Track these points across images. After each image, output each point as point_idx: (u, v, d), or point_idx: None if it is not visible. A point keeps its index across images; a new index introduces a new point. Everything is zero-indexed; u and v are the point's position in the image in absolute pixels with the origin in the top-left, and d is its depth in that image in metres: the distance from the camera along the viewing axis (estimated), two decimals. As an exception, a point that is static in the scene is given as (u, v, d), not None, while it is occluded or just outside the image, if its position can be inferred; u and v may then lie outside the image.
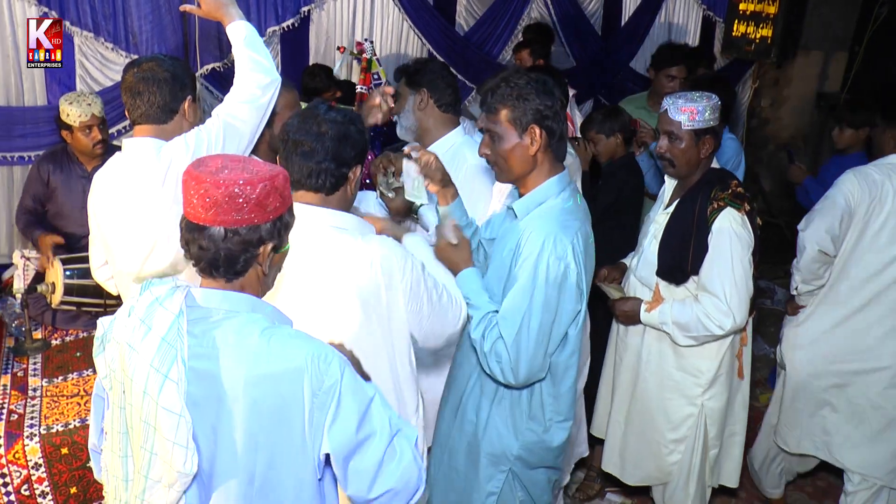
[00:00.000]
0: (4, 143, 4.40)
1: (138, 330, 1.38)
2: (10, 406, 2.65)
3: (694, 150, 2.45)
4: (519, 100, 1.99)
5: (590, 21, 6.14)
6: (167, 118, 2.19)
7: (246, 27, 2.30)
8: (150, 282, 1.43)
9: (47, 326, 3.25)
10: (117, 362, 1.42)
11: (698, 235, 2.43)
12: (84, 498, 2.59)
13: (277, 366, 1.38)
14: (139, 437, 1.39)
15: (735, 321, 2.42)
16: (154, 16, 4.50)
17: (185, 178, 1.38)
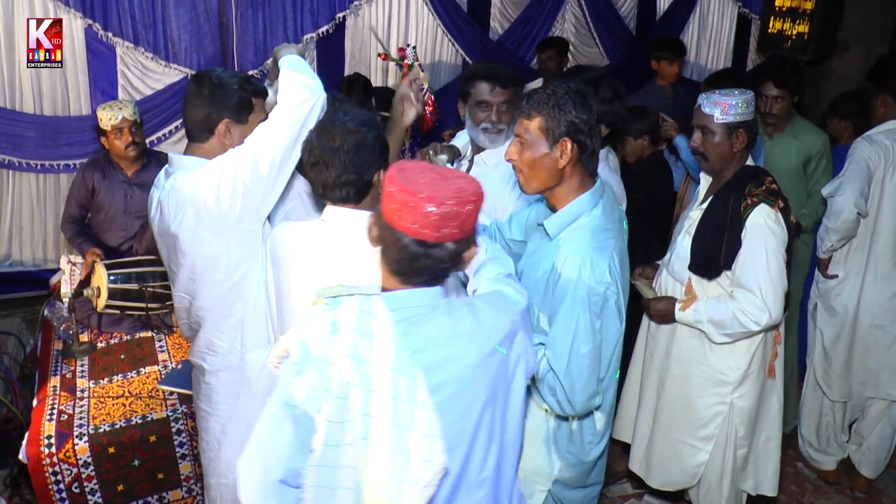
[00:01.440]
0: (51, 151, 4.54)
1: (361, 342, 1.38)
2: (60, 406, 2.74)
3: (727, 144, 2.46)
4: (555, 109, 1.93)
5: (623, 20, 6.11)
6: (204, 137, 2.12)
7: (293, 57, 2.24)
8: (333, 297, 1.44)
9: (93, 330, 3.34)
10: (338, 379, 1.39)
11: (732, 231, 2.42)
12: (131, 495, 2.67)
13: (497, 336, 1.49)
14: (389, 441, 1.38)
15: (771, 316, 2.40)
16: (192, 25, 4.61)
17: (407, 199, 1.38)
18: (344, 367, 1.38)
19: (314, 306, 1.45)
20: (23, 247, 4.74)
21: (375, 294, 1.45)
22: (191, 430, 2.70)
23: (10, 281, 4.70)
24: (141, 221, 3.60)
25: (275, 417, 1.44)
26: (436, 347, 1.44)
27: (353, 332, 1.38)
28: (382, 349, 1.37)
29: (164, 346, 3.21)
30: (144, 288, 3.20)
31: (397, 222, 1.41)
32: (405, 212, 1.39)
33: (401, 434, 1.37)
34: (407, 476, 1.38)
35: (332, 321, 1.40)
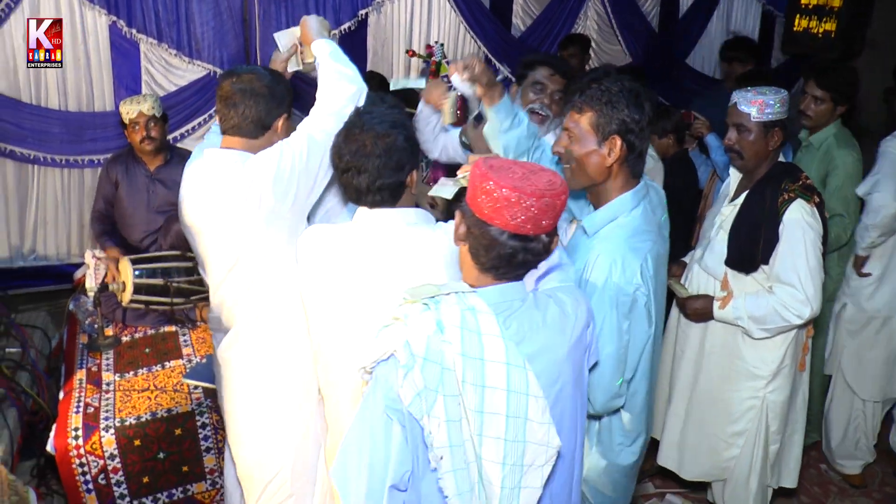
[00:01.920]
0: (76, 146, 4.57)
1: (470, 339, 1.39)
2: (87, 399, 2.77)
3: (762, 143, 2.48)
4: (608, 106, 1.90)
5: (646, 17, 6.07)
6: (258, 133, 2.12)
7: (329, 44, 2.27)
8: (431, 297, 1.45)
9: (118, 324, 3.37)
10: (451, 377, 1.40)
11: (769, 226, 2.45)
12: (155, 487, 2.69)
13: (580, 323, 1.54)
14: (504, 433, 1.40)
15: (813, 309, 2.43)
16: (216, 21, 4.62)
17: (508, 195, 1.38)
18: (457, 364, 1.38)
19: (410, 307, 1.44)
20: (47, 241, 4.78)
21: (471, 291, 1.45)
22: (215, 424, 2.72)
23: (34, 275, 4.74)
24: (164, 216, 3.63)
25: (378, 422, 1.43)
26: (531, 339, 1.46)
27: (461, 330, 1.39)
28: (493, 345, 1.39)
29: (188, 340, 3.23)
30: (169, 283, 3.23)
31: (495, 219, 1.41)
32: (505, 208, 1.39)
33: (516, 425, 1.40)
34: (524, 461, 1.40)
35: (436, 320, 1.40)
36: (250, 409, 2.23)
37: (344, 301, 1.89)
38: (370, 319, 1.87)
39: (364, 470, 1.43)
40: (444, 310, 1.41)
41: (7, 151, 4.44)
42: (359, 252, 1.87)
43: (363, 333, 1.89)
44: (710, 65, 6.50)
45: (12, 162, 4.51)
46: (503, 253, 1.44)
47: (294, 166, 2.02)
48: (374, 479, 1.43)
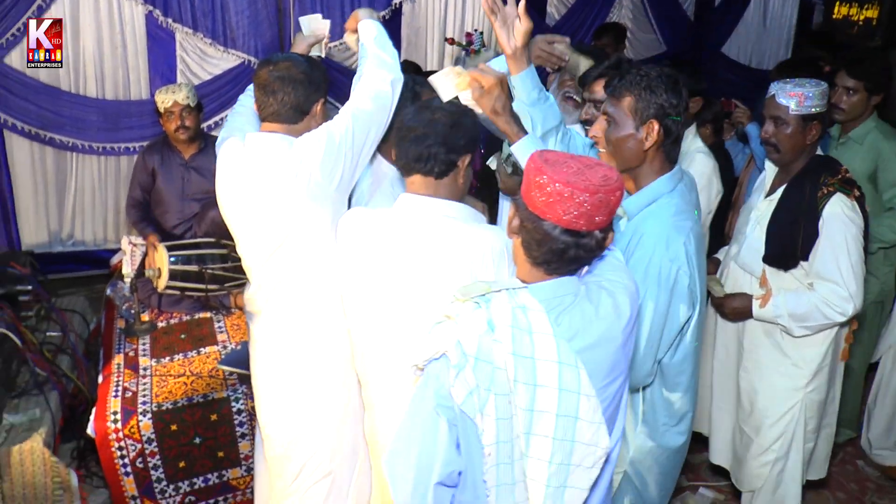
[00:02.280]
0: (112, 134, 4.65)
1: (521, 337, 1.39)
2: (125, 384, 2.82)
3: (800, 136, 2.41)
4: (646, 90, 1.92)
5: (682, 6, 5.99)
6: (297, 118, 2.17)
7: (376, 27, 2.33)
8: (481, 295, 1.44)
9: (154, 309, 3.43)
10: (503, 376, 1.40)
11: (808, 221, 2.40)
12: (191, 471, 2.74)
13: (631, 317, 1.51)
14: (553, 431, 1.41)
15: (856, 306, 2.38)
16: (250, 11, 4.66)
17: (561, 190, 1.37)
18: (508, 364, 1.38)
19: (461, 305, 1.44)
20: (84, 226, 4.88)
21: (522, 288, 1.44)
22: (250, 411, 2.75)
23: (72, 259, 4.84)
24: (199, 204, 3.67)
25: (427, 419, 1.44)
26: (584, 333, 1.45)
27: (512, 329, 1.38)
28: (544, 343, 1.38)
29: (222, 327, 3.28)
30: (204, 270, 3.27)
31: (547, 213, 1.40)
32: (558, 203, 1.38)
33: (566, 424, 1.39)
34: (572, 460, 1.40)
35: (487, 320, 1.40)
36: (288, 390, 2.25)
37: (377, 286, 1.92)
38: (400, 308, 1.91)
39: (411, 466, 1.44)
40: (494, 308, 1.41)
41: (47, 139, 4.52)
42: (395, 239, 1.89)
43: (393, 321, 1.93)
44: (746, 54, 6.40)
45: (52, 149, 4.60)
46: (555, 248, 1.42)
47: (340, 146, 2.07)
48: (421, 475, 1.44)
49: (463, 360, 1.38)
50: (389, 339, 1.96)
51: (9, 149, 4.52)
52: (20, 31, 4.25)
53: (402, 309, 1.92)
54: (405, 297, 1.90)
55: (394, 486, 1.46)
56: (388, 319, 1.94)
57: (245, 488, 2.84)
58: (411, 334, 1.91)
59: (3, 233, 4.59)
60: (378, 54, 2.25)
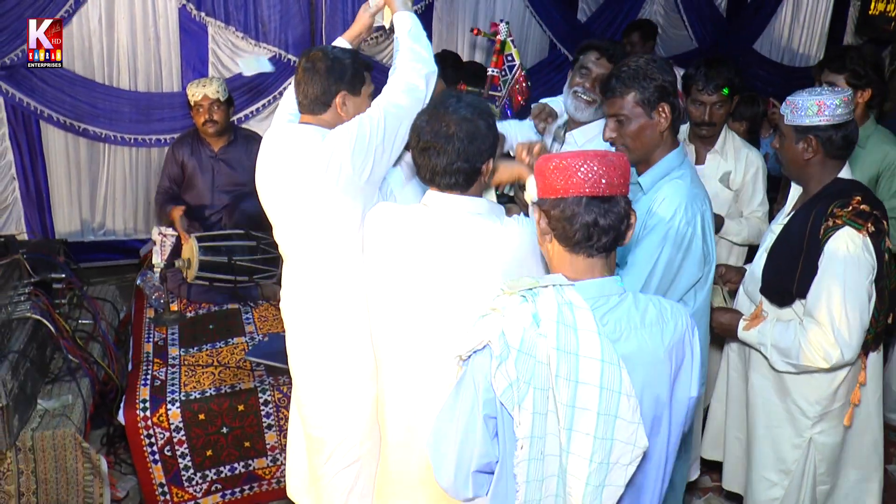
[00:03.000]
0: (144, 126, 4.72)
1: (566, 333, 1.41)
2: (153, 372, 2.87)
3: (795, 149, 2.20)
4: (645, 80, 2.04)
5: (714, 2, 5.92)
6: (321, 110, 2.20)
7: (411, 19, 2.33)
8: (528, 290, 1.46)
9: (183, 300, 3.47)
10: (544, 371, 1.42)
11: (808, 255, 2.16)
12: (218, 460, 2.77)
13: (679, 329, 1.52)
14: (594, 429, 1.42)
15: (843, 356, 2.14)
16: (282, 5, 4.70)
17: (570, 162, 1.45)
18: (551, 358, 1.40)
19: (508, 298, 1.46)
20: (115, 216, 4.96)
21: (569, 284, 1.46)
22: (277, 402, 2.78)
23: (103, 249, 4.93)
24: (229, 196, 3.71)
25: (468, 408, 1.48)
26: (628, 338, 1.46)
27: (557, 324, 1.40)
28: (589, 340, 1.39)
29: (250, 318, 3.31)
30: (233, 261, 3.31)
31: (569, 189, 1.44)
32: (573, 174, 1.44)
33: (606, 422, 1.40)
34: (610, 458, 1.41)
35: (532, 313, 1.42)
36: (320, 377, 2.28)
37: (401, 282, 1.94)
38: (422, 304, 1.91)
39: (453, 452, 1.50)
40: (541, 303, 1.42)
41: (81, 129, 4.60)
42: (422, 234, 1.90)
43: (415, 317, 1.94)
44: (779, 50, 6.31)
45: (85, 140, 4.68)
46: (587, 220, 1.45)
47: (371, 139, 2.09)
48: (462, 462, 1.50)
49: (505, 352, 1.40)
50: (411, 333, 1.98)
51: (44, 139, 4.61)
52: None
53: (425, 306, 1.92)
54: (428, 294, 1.90)
55: (437, 469, 1.52)
56: (409, 315, 1.95)
57: (271, 478, 2.87)
58: (433, 329, 1.93)
59: (38, 221, 4.69)
60: (413, 47, 2.25)
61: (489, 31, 4.70)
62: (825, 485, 2.42)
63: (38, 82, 4.40)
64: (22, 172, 4.59)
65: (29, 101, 4.42)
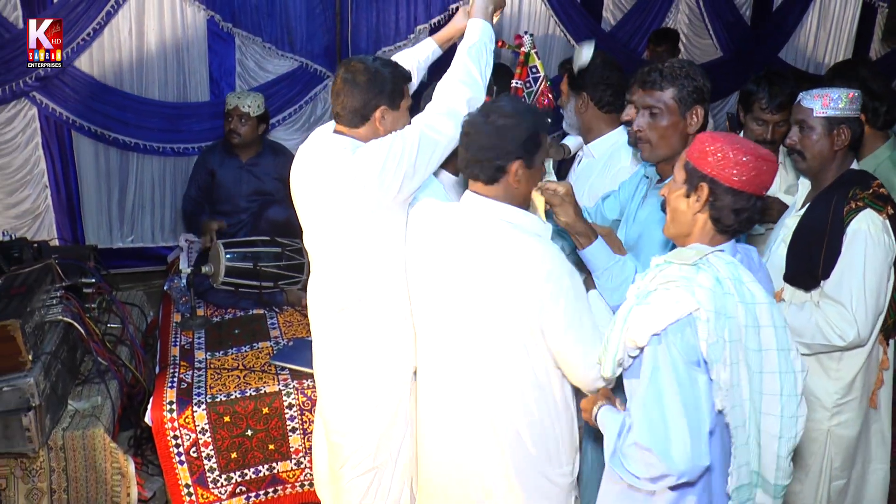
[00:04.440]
0: (173, 135, 4.81)
1: (740, 289, 1.61)
2: (180, 375, 2.91)
3: (826, 142, 2.22)
4: (686, 79, 2.05)
5: (738, 10, 5.90)
6: (358, 123, 2.16)
7: (482, 33, 2.28)
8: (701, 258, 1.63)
9: (209, 304, 3.52)
10: (735, 325, 1.59)
11: (831, 238, 2.20)
12: (243, 463, 2.81)
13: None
14: (776, 367, 1.64)
15: (859, 334, 2.17)
16: (309, 15, 4.77)
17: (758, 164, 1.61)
18: (739, 312, 1.59)
19: (681, 269, 1.62)
20: (143, 224, 5.06)
21: (720, 251, 1.66)
22: (301, 406, 2.81)
23: (131, 256, 5.02)
24: (256, 204, 3.77)
25: (683, 379, 1.57)
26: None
27: (733, 281, 1.60)
28: (755, 290, 1.62)
29: (275, 323, 3.35)
30: (259, 267, 3.35)
31: (747, 187, 1.62)
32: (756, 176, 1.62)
33: (785, 357, 1.63)
34: (796, 390, 1.64)
35: (714, 276, 1.60)
36: (341, 387, 2.30)
37: (431, 278, 1.99)
38: (445, 302, 1.96)
39: (682, 431, 1.53)
40: (718, 266, 1.61)
41: (111, 139, 4.71)
42: (455, 234, 1.95)
43: (439, 313, 1.98)
44: (804, 59, 6.27)
45: (115, 149, 4.78)
46: (750, 216, 1.66)
47: (401, 161, 2.05)
48: (696, 432, 1.54)
49: (711, 314, 1.56)
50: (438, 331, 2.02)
51: (75, 148, 4.72)
52: (89, 35, 4.43)
53: (447, 303, 1.97)
54: (451, 293, 1.95)
55: (667, 455, 1.53)
56: (436, 311, 2.00)
57: (294, 482, 2.89)
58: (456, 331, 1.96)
59: (69, 228, 4.79)
60: (468, 66, 2.21)
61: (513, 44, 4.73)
62: (840, 480, 2.43)
63: (71, 93, 4.51)
64: (54, 180, 4.70)
65: (61, 112, 4.53)
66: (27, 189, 4.68)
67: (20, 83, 4.36)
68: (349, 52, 4.82)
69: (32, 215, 4.73)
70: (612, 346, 1.68)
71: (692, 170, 1.67)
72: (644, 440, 1.56)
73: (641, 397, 1.60)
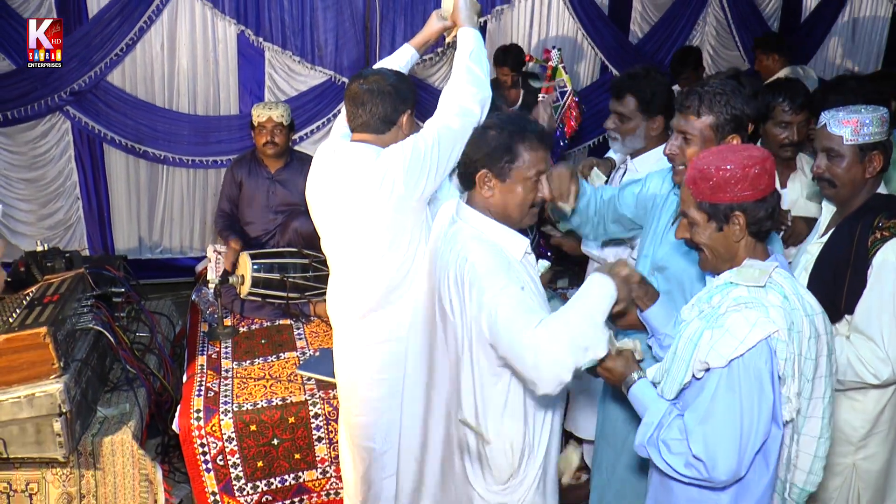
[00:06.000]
0: (202, 147, 4.88)
1: (801, 302, 1.66)
2: (207, 384, 2.93)
3: (858, 169, 2.12)
4: (726, 107, 1.99)
5: (766, 21, 5.86)
6: (385, 129, 2.24)
7: (475, 39, 2.34)
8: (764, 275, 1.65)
9: (236, 315, 3.55)
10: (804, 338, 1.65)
11: (856, 268, 2.11)
12: (269, 471, 2.81)
13: None
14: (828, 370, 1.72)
15: (893, 372, 2.09)
16: (339, 29, 4.83)
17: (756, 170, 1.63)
18: (803, 324, 1.65)
19: (749, 291, 1.64)
20: (172, 236, 5.12)
21: (775, 265, 1.69)
22: (327, 415, 2.81)
23: (160, 267, 5.08)
24: (283, 216, 3.80)
25: (748, 400, 1.60)
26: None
27: (797, 296, 1.66)
28: (811, 300, 1.69)
29: (302, 333, 3.37)
30: (285, 278, 3.37)
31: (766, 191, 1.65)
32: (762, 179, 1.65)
33: (829, 363, 1.71)
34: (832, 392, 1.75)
35: (781, 293, 1.64)
36: (363, 393, 2.32)
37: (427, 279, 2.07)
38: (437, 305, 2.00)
39: (733, 447, 1.60)
40: (782, 282, 1.66)
41: (141, 152, 4.79)
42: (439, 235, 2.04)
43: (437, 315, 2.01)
44: (833, 70, 6.20)
45: (145, 161, 4.86)
46: (774, 211, 1.67)
47: (424, 159, 2.13)
48: (744, 450, 1.61)
49: (785, 334, 1.60)
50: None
51: (107, 161, 4.81)
52: (122, 50, 4.53)
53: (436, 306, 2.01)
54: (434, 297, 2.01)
55: (711, 470, 1.60)
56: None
57: (320, 491, 2.89)
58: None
59: (99, 238, 4.87)
60: (472, 68, 2.27)
61: (541, 58, 4.75)
62: None
63: (103, 107, 4.61)
64: (85, 192, 4.79)
65: (94, 125, 4.62)
66: (60, 200, 4.77)
67: (55, 98, 4.46)
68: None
69: (64, 226, 4.82)
70: (679, 370, 1.68)
71: (711, 207, 1.67)
72: (698, 451, 1.61)
73: (702, 412, 1.62)
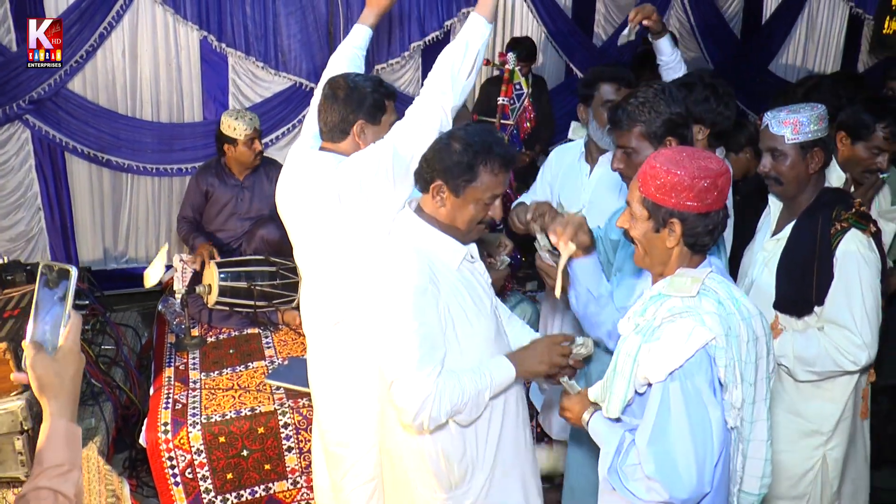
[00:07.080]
0: (167, 155, 4.81)
1: (736, 306, 1.65)
2: (175, 396, 2.89)
3: (802, 166, 2.21)
4: (651, 113, 2.04)
5: (728, 24, 5.96)
6: (339, 138, 2.20)
7: (480, 38, 2.20)
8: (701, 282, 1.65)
9: (204, 325, 3.50)
10: (741, 343, 1.65)
11: (822, 261, 2.18)
12: (239, 483, 2.78)
13: None
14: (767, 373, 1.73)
15: (870, 355, 2.17)
16: (302, 35, 4.79)
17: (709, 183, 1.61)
18: (741, 328, 1.64)
19: (683, 301, 1.63)
20: (137, 245, 5.04)
21: (709, 273, 1.69)
22: (297, 425, 2.79)
23: (125, 277, 4.98)
24: (250, 223, 3.76)
25: (694, 410, 1.57)
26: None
27: (732, 301, 1.65)
28: (747, 303, 1.69)
29: (270, 342, 3.34)
30: (253, 286, 3.34)
31: (713, 206, 1.63)
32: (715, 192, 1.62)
33: (768, 363, 1.71)
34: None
35: (716, 300, 1.63)
36: (337, 399, 2.31)
37: None
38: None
39: (690, 463, 1.55)
40: (716, 289, 1.65)
41: (104, 160, 4.71)
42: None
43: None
44: (794, 71, 6.32)
45: (108, 170, 4.78)
46: (719, 229, 1.67)
47: (377, 173, 2.08)
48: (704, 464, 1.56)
49: (722, 340, 1.59)
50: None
51: (69, 170, 4.71)
52: (83, 57, 4.45)
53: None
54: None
55: (670, 487, 1.55)
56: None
57: (291, 501, 2.87)
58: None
59: (63, 249, 4.78)
60: (454, 70, 2.16)
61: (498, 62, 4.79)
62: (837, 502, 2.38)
63: (64, 115, 4.52)
64: (47, 202, 4.69)
65: (55, 134, 4.54)
66: (21, 212, 4.66)
67: (14, 106, 4.37)
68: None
69: (26, 238, 4.72)
70: (621, 387, 1.67)
71: (653, 206, 1.65)
72: (650, 471, 1.56)
73: (649, 431, 1.59)
